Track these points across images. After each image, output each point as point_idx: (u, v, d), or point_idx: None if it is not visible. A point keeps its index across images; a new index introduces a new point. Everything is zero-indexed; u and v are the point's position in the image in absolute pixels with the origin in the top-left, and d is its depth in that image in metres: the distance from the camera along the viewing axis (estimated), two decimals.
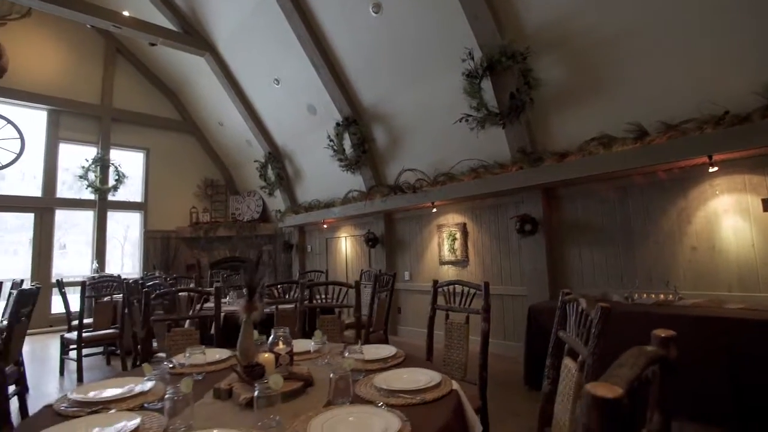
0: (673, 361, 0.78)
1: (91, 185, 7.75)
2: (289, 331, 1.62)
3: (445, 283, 2.51)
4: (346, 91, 5.81)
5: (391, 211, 5.98)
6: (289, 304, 3.25)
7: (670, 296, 3.30)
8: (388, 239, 6.07)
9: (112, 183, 7.97)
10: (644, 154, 3.42)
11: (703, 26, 3.10)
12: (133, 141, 8.52)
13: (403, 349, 1.94)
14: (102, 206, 7.90)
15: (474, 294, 2.39)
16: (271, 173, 7.64)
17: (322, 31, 5.48)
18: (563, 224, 4.35)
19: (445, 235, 5.34)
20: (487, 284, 2.26)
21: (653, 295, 3.40)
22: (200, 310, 2.54)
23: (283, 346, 1.56)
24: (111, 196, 8.01)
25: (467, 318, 2.31)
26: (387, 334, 3.94)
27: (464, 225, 5.17)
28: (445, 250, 5.32)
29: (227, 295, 4.44)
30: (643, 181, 3.78)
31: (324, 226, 7.12)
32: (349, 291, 3.04)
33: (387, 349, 1.95)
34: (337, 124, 5.93)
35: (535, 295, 4.28)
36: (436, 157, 5.20)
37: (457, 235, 5.19)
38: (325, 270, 6.11)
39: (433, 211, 5.38)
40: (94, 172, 7.82)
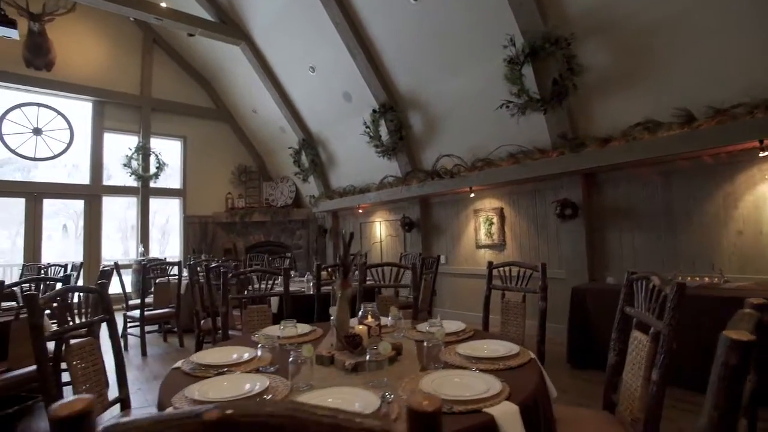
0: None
1: (134, 173, 8.09)
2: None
3: (500, 264, 2.64)
4: (383, 78, 5.91)
5: (428, 196, 6.10)
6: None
7: (716, 279, 3.36)
8: (424, 223, 6.21)
9: (153, 170, 8.31)
10: (691, 138, 3.44)
11: (750, 9, 3.08)
12: (171, 129, 8.82)
13: None
14: (144, 193, 8.26)
15: (530, 275, 2.52)
16: (305, 159, 7.83)
17: (359, 18, 5.56)
18: (604, 208, 4.40)
19: (481, 219, 5.45)
20: (544, 265, 2.38)
21: (698, 278, 3.46)
22: (271, 289, 2.75)
23: (371, 320, 1.73)
24: (152, 183, 8.36)
25: (524, 297, 2.44)
26: (430, 315, 4.11)
27: (501, 209, 5.26)
28: (482, 234, 5.44)
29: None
30: (688, 166, 3.79)
31: (359, 211, 7.30)
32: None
33: (455, 324, 2.11)
34: (374, 111, 6.05)
35: (574, 279, 4.37)
36: (473, 143, 5.28)
37: (494, 220, 5.29)
38: (364, 253, 6.30)
39: (471, 196, 5.48)
40: (137, 160, 8.16)
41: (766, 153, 3.27)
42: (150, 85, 8.49)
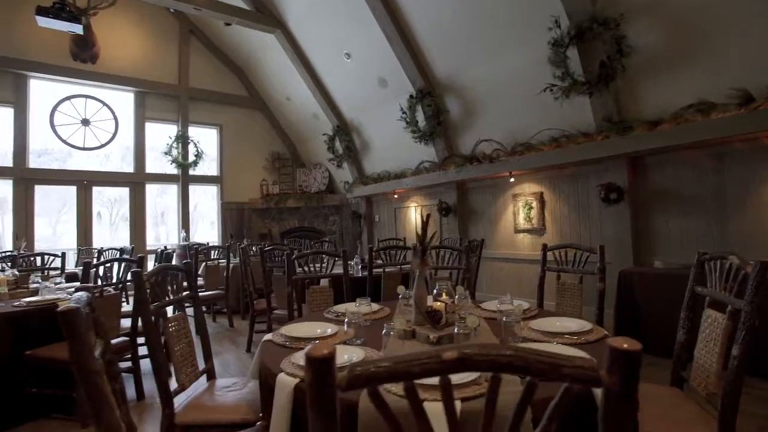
0: None
1: (174, 161, 8.38)
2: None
3: (555, 247, 2.68)
4: (420, 63, 5.91)
5: (465, 181, 6.12)
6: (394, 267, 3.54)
7: None
8: (461, 208, 6.25)
9: (192, 159, 8.57)
10: (749, 120, 3.35)
11: None
12: (207, 118, 9.04)
13: None
14: (184, 180, 8.55)
15: (586, 258, 2.55)
16: (339, 146, 7.93)
17: (397, 2, 5.55)
18: (650, 192, 4.35)
19: (520, 204, 5.45)
20: (602, 247, 2.42)
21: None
22: (319, 271, 2.87)
23: (446, 297, 1.82)
24: (191, 171, 8.64)
25: (581, 278, 2.49)
26: (474, 298, 4.19)
27: (541, 194, 5.25)
28: (521, 218, 5.44)
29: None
30: (744, 148, 3.70)
31: (395, 197, 7.38)
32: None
33: (516, 303, 2.18)
34: (411, 97, 6.07)
35: (618, 263, 4.35)
36: (513, 128, 5.26)
37: (534, 204, 5.29)
38: (403, 238, 6.41)
39: (511, 180, 5.48)
40: (177, 148, 8.43)
41: None
42: (187, 75, 8.70)
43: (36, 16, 5.15)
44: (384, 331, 1.46)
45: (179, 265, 2.15)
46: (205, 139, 8.97)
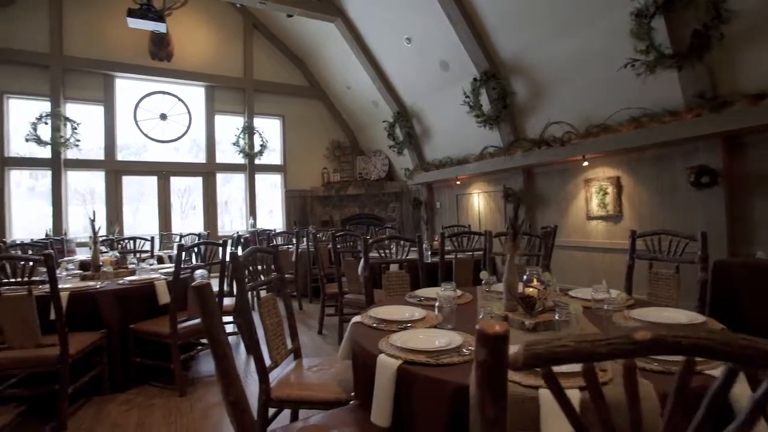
0: None
1: (242, 151, 8.79)
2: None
3: (646, 233, 2.51)
4: (484, 45, 5.71)
5: (531, 166, 5.89)
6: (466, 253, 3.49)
7: None
8: (528, 194, 6.02)
9: (257, 148, 8.94)
10: None
11: None
12: (271, 109, 9.37)
13: None
14: (251, 169, 8.96)
15: (685, 246, 2.36)
16: (399, 132, 7.91)
17: None
18: (749, 175, 3.93)
19: (594, 189, 5.15)
20: (705, 234, 2.22)
21: None
22: (406, 256, 2.88)
23: (537, 283, 1.76)
24: (257, 160, 9.02)
25: (677, 268, 2.31)
26: None
27: (618, 179, 4.93)
28: (594, 204, 5.15)
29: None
30: None
31: (457, 183, 7.27)
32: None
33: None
34: (474, 80, 5.90)
35: (711, 253, 3.99)
36: (586, 108, 4.96)
37: (609, 189, 4.98)
38: (468, 225, 6.32)
39: (584, 164, 5.19)
40: (243, 139, 8.82)
41: None
42: (252, 68, 9.04)
43: (127, 18, 5.60)
44: (480, 316, 1.44)
45: (268, 248, 2.25)
46: (269, 129, 9.32)
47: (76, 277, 3.34)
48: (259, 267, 2.08)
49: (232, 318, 4.00)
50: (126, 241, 5.31)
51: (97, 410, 2.69)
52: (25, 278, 2.41)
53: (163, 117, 8.21)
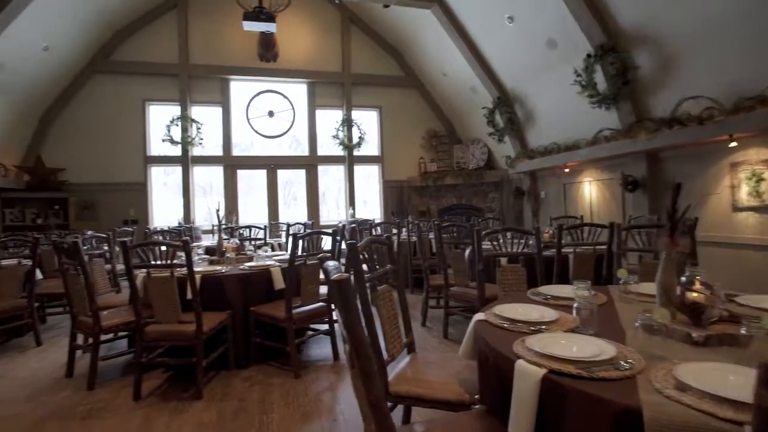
0: None
1: (341, 143, 9.08)
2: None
3: None
4: (600, 15, 5.12)
5: (658, 150, 5.17)
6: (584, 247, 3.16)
7: None
8: (652, 182, 5.32)
9: (356, 140, 9.17)
10: None
11: None
12: (368, 101, 9.52)
13: None
14: (350, 161, 9.23)
15: None
16: (499, 119, 7.51)
17: None
18: None
19: (743, 175, 4.36)
20: None
21: None
22: (523, 250, 2.68)
23: (700, 286, 1.47)
24: (355, 152, 9.26)
25: None
26: None
27: None
28: (743, 193, 4.36)
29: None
30: None
31: (565, 171, 6.71)
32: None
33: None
34: (588, 56, 5.33)
35: None
36: (732, 80, 4.18)
37: (765, 175, 4.17)
38: (580, 216, 5.81)
39: (730, 145, 4.40)
40: (342, 131, 9.10)
41: None
42: (349, 62, 9.26)
43: (243, 22, 6.08)
44: (638, 323, 1.23)
45: (383, 239, 2.22)
46: (367, 121, 9.49)
47: (205, 262, 3.69)
48: (374, 257, 2.05)
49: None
50: (242, 230, 5.78)
51: (225, 383, 2.94)
52: (168, 262, 2.69)
53: (271, 114, 8.80)
